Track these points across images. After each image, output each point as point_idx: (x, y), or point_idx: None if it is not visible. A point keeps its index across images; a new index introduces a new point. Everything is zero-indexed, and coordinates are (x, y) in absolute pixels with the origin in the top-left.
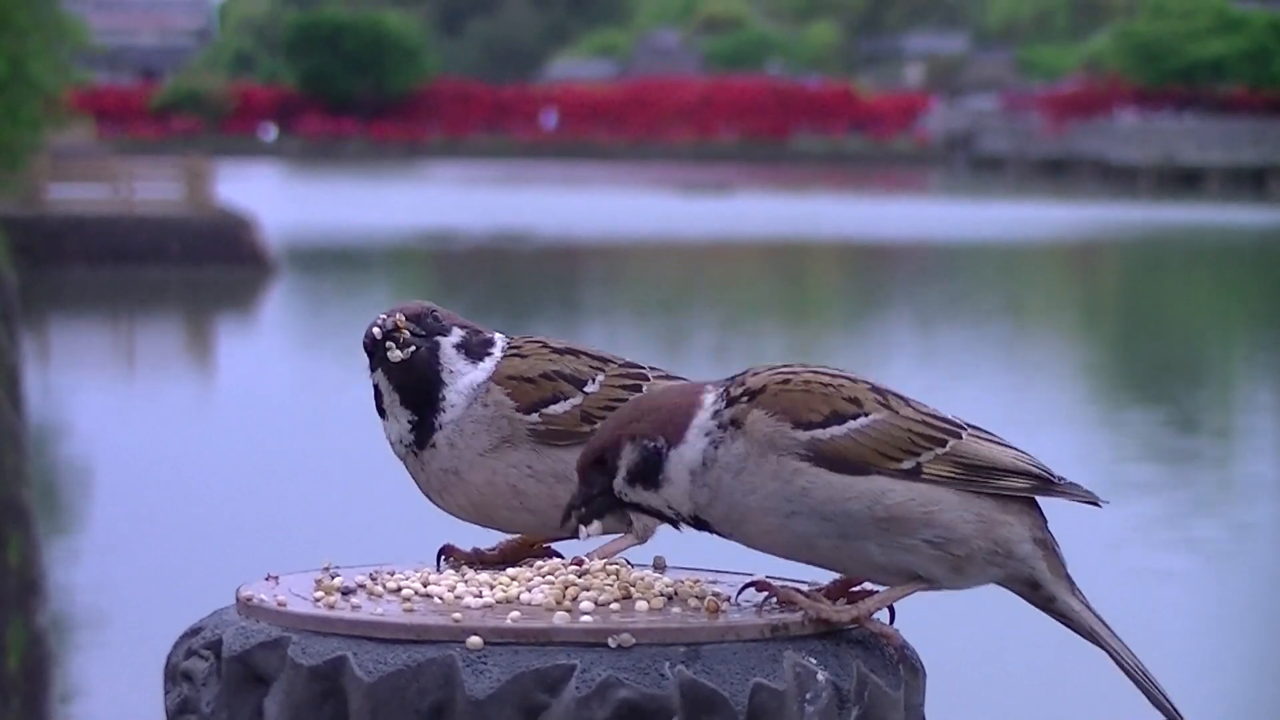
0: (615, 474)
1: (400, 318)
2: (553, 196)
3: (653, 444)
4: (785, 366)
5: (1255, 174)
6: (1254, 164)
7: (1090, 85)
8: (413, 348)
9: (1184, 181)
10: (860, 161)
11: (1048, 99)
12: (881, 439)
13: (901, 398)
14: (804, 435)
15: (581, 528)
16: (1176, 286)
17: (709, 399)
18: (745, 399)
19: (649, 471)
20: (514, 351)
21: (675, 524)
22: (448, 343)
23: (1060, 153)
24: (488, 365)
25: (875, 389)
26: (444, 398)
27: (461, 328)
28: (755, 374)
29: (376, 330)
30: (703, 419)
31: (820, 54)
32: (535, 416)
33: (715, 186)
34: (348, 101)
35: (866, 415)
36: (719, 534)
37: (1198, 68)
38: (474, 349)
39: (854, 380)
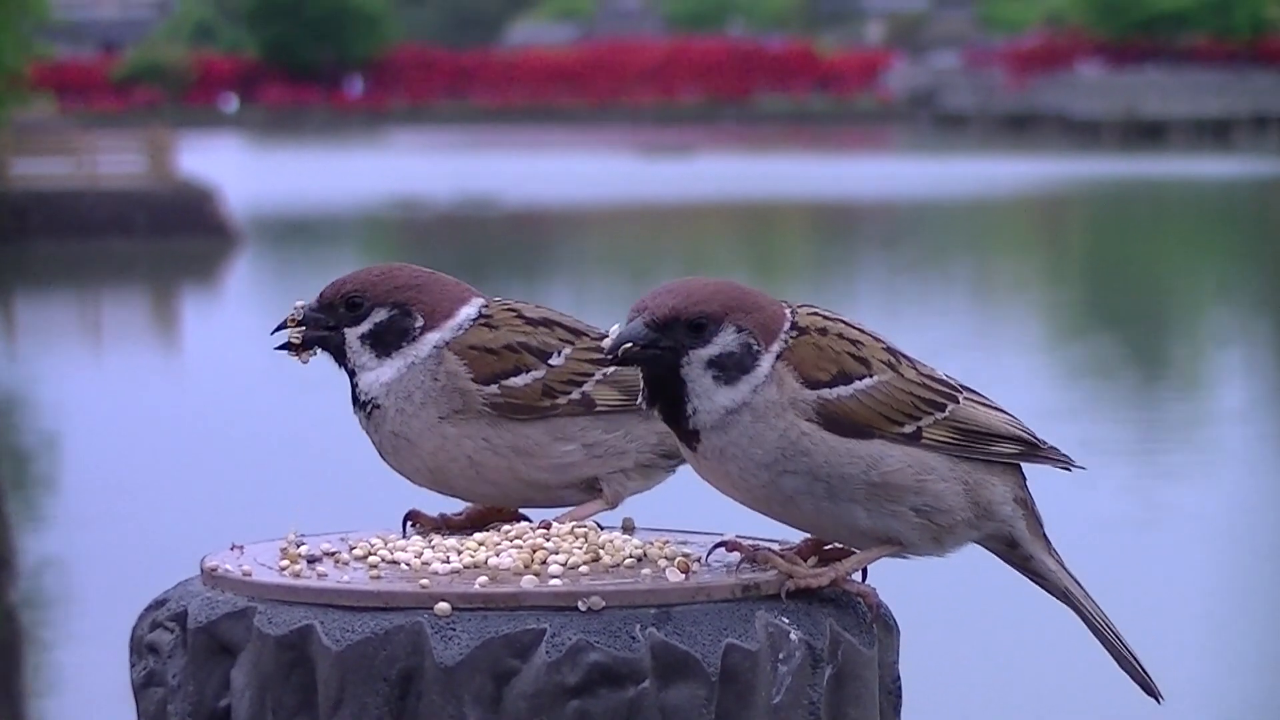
0: (704, 345)
1: (295, 313)
2: (517, 161)
3: (756, 344)
4: (824, 311)
5: (1219, 125)
6: (1218, 115)
7: (1052, 39)
8: (312, 351)
9: (1148, 134)
10: (823, 120)
11: (1009, 54)
12: (886, 402)
13: (909, 359)
14: (812, 395)
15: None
16: (1142, 239)
17: (789, 318)
18: (796, 333)
19: (735, 366)
20: (484, 320)
21: (682, 427)
22: (353, 334)
23: (1023, 108)
24: (397, 363)
25: (889, 349)
26: (358, 384)
27: (394, 306)
28: (804, 306)
29: (276, 337)
30: (781, 336)
31: (781, 13)
32: (494, 388)
33: (678, 148)
34: (310, 70)
35: (872, 377)
36: (694, 455)
37: (1160, 19)
38: (387, 339)
39: (875, 339)
